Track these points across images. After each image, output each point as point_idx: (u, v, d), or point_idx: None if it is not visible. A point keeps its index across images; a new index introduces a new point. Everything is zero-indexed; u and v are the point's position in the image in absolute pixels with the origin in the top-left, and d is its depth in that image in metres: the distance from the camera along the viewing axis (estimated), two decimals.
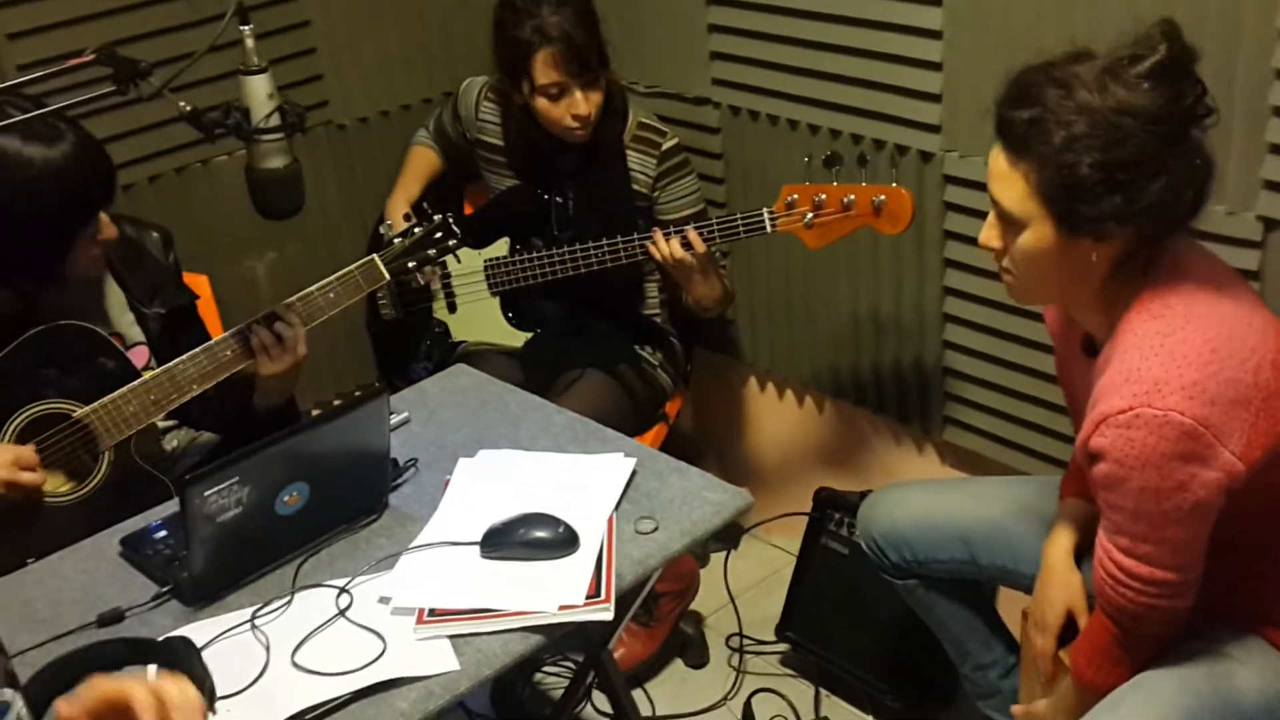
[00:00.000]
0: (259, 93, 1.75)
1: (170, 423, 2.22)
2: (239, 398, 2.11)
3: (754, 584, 2.91)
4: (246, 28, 1.72)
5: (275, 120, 1.75)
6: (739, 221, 2.31)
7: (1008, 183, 1.58)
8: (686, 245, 2.35)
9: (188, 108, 1.69)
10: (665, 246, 2.36)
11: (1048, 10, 2.10)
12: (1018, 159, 1.56)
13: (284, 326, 2.02)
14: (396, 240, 2.14)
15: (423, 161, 2.76)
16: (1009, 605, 2.17)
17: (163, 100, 1.66)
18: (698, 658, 2.74)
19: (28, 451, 1.89)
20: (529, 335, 2.64)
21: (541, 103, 2.43)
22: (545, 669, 2.66)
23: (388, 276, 2.11)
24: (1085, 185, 1.51)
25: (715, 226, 2.34)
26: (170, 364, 2.00)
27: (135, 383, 1.98)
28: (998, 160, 1.59)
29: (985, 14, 2.18)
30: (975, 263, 2.35)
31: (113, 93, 1.64)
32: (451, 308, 2.66)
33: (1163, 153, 1.50)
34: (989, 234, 1.67)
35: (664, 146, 2.55)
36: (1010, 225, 1.61)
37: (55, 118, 1.84)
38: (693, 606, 2.77)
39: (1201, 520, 1.58)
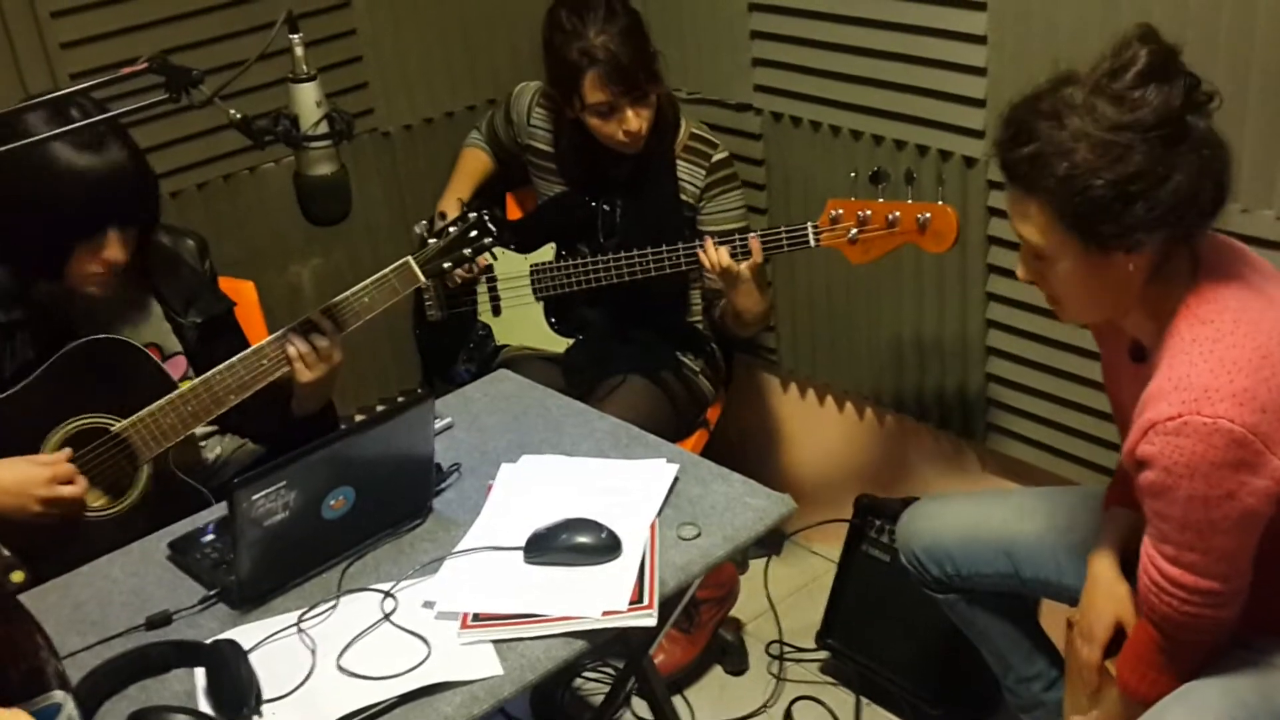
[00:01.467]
0: (308, 100, 1.76)
1: (209, 429, 2.21)
2: (278, 404, 2.11)
3: (794, 591, 2.90)
4: (296, 36, 1.73)
5: (324, 128, 1.77)
6: (783, 235, 2.30)
7: (1027, 219, 1.59)
8: (741, 254, 2.32)
9: (238, 115, 1.71)
10: (714, 254, 2.34)
11: (1091, 15, 2.08)
12: (1029, 195, 1.57)
13: (318, 335, 2.01)
14: (431, 241, 2.12)
15: (475, 163, 2.77)
16: (1052, 616, 2.16)
17: (212, 108, 1.67)
18: (737, 664, 2.74)
19: (64, 466, 1.89)
20: (570, 341, 2.65)
21: (593, 120, 2.45)
22: (585, 674, 2.67)
23: (423, 279, 2.07)
24: (1103, 204, 1.51)
25: (760, 239, 2.33)
26: (207, 375, 1.99)
27: (172, 394, 1.97)
28: (1013, 200, 1.61)
29: (1030, 19, 2.17)
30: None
31: (165, 100, 1.65)
32: (496, 311, 2.68)
33: (1168, 155, 1.50)
34: (1025, 269, 1.69)
35: (714, 158, 2.55)
36: (1042, 257, 1.62)
37: (107, 129, 1.85)
38: (732, 613, 2.77)
39: (1250, 529, 1.56)
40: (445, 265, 2.10)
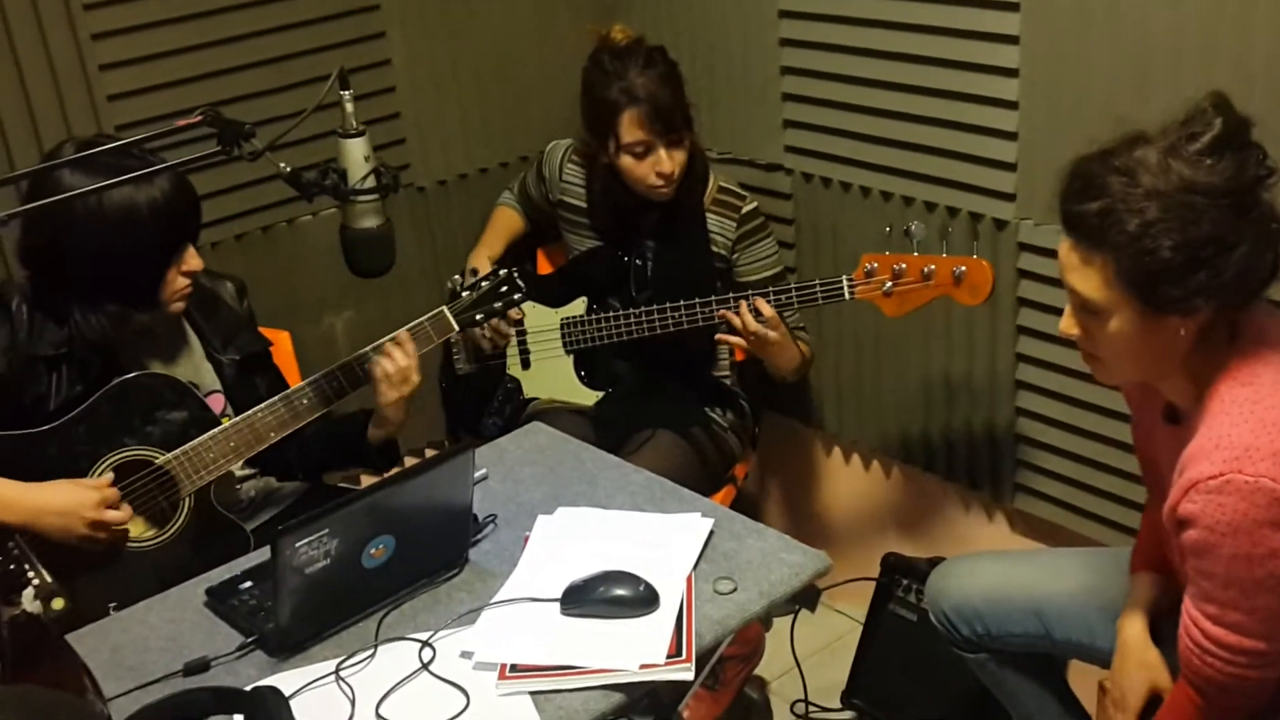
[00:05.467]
0: (356, 155, 1.80)
1: (247, 471, 2.26)
2: (349, 433, 2.20)
3: (819, 649, 2.89)
4: (347, 92, 1.77)
5: (371, 182, 1.80)
6: (818, 289, 2.33)
7: (1085, 274, 1.58)
8: (756, 314, 2.36)
9: (287, 169, 1.74)
10: (739, 320, 2.37)
11: (1122, 81, 2.12)
12: (1093, 251, 1.56)
13: (400, 354, 2.11)
14: (464, 293, 2.21)
15: (506, 221, 2.82)
16: (1081, 677, 2.15)
17: (257, 161, 1.70)
18: None
19: (111, 490, 1.95)
20: (600, 395, 2.66)
21: (627, 160, 2.48)
22: None
23: (456, 328, 2.18)
24: (1169, 267, 1.51)
25: (794, 293, 2.35)
26: (249, 412, 2.05)
27: (215, 430, 2.03)
28: (1071, 254, 1.60)
29: (1061, 85, 2.20)
30: (1049, 330, 2.36)
31: (217, 153, 1.69)
32: (525, 364, 2.70)
33: (1238, 223, 1.51)
34: (1069, 323, 1.67)
35: (743, 210, 2.59)
36: (1092, 314, 1.61)
37: (150, 157, 1.94)
38: (757, 671, 2.75)
39: None
40: (477, 317, 2.19)
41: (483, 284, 2.21)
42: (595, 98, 2.49)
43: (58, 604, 1.86)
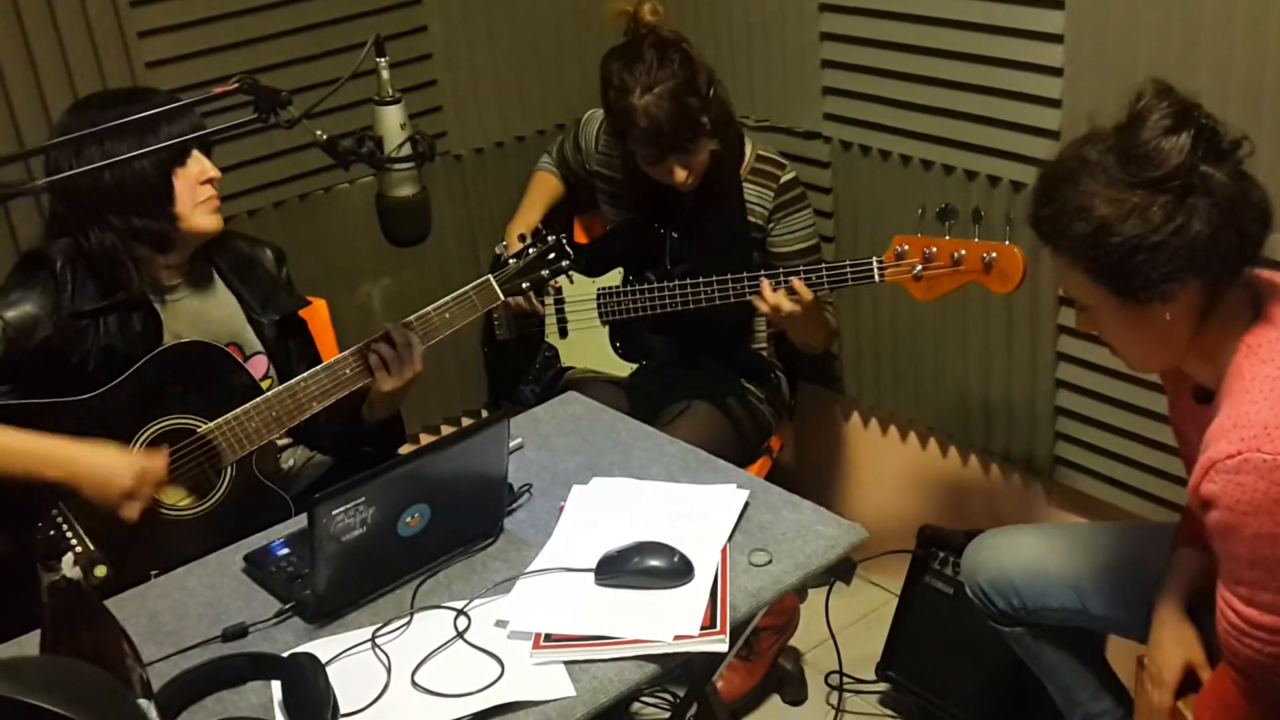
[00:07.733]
0: (392, 123, 1.79)
1: (287, 440, 2.27)
2: (347, 412, 2.15)
3: (854, 621, 2.89)
4: (383, 60, 1.76)
5: (407, 150, 1.80)
6: (847, 270, 2.30)
7: (1061, 274, 1.64)
8: (792, 294, 2.32)
9: (324, 136, 1.74)
10: (771, 299, 2.33)
11: (1170, 47, 2.07)
12: (1058, 253, 1.61)
13: (404, 343, 2.07)
14: (511, 261, 2.19)
15: (545, 186, 2.81)
16: (1119, 652, 2.13)
17: (295, 128, 1.70)
18: (796, 694, 2.72)
19: (154, 462, 1.94)
20: (635, 366, 2.66)
21: (645, 165, 2.47)
22: (644, 699, 2.66)
23: (502, 297, 2.15)
24: (1125, 261, 1.53)
25: (824, 274, 2.32)
26: (291, 381, 2.05)
27: (258, 399, 2.03)
28: (1051, 259, 1.64)
29: (1107, 51, 2.16)
30: None
31: (254, 120, 1.69)
32: (563, 333, 2.69)
33: (1182, 206, 1.51)
34: (1079, 321, 1.72)
35: (782, 179, 2.56)
36: (1086, 310, 1.65)
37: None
38: (792, 642, 2.76)
39: None
40: (524, 285, 2.17)
41: (530, 250, 2.18)
42: (607, 105, 2.45)
43: (99, 571, 1.88)
